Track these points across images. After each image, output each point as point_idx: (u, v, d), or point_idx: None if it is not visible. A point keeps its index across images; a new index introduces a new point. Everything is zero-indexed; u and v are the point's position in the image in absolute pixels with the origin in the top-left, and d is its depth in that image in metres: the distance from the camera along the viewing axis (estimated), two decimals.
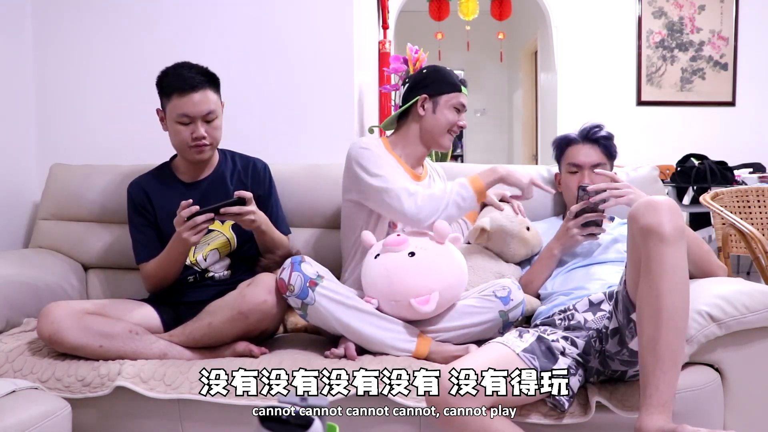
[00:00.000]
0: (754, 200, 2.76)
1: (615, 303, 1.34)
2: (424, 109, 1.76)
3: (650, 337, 1.13)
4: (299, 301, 1.47)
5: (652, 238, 1.14)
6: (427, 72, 1.80)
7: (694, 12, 4.78)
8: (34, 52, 2.30)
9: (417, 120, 1.78)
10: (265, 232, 1.69)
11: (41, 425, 1.18)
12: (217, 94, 1.71)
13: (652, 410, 1.09)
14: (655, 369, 1.11)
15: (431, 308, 1.48)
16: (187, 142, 1.68)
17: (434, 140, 1.78)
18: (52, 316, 1.46)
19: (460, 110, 1.78)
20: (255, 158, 1.86)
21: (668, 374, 1.11)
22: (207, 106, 1.66)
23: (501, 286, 1.57)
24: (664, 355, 1.11)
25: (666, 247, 1.13)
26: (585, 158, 1.80)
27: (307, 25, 2.34)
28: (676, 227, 1.15)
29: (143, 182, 1.78)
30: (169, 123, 1.70)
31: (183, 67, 1.70)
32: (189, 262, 1.74)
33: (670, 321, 1.12)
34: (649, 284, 1.15)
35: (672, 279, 1.13)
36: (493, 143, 7.60)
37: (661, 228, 1.14)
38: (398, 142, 1.80)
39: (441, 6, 5.42)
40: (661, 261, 1.14)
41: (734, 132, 4.74)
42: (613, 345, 1.33)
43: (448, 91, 1.76)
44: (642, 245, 1.17)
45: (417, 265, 1.51)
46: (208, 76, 1.70)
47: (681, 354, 1.15)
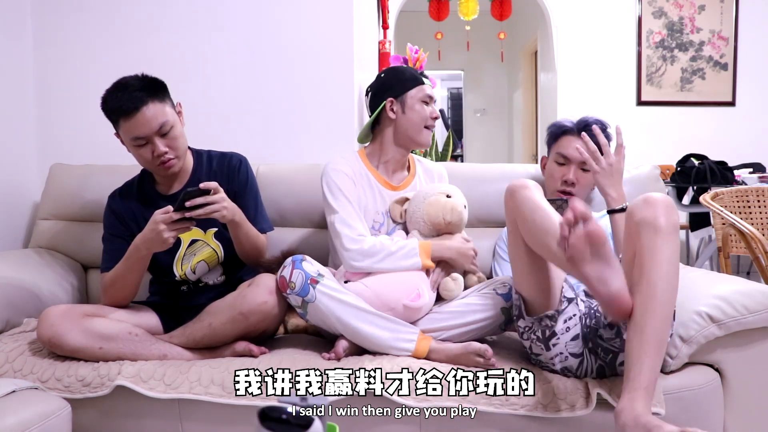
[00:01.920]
0: (754, 200, 2.76)
1: None
2: (394, 112, 1.75)
3: (638, 322, 1.17)
4: (300, 298, 1.47)
5: (647, 230, 1.19)
6: (385, 76, 1.80)
7: (694, 12, 4.77)
8: (34, 52, 2.30)
9: (389, 124, 1.77)
10: (239, 225, 1.61)
11: (41, 425, 1.18)
12: (164, 102, 1.60)
13: (634, 394, 1.12)
14: (641, 353, 1.15)
15: (425, 299, 1.51)
16: (152, 161, 1.60)
17: (411, 140, 1.77)
18: (51, 319, 1.46)
19: (429, 102, 1.77)
20: (232, 154, 1.78)
21: (652, 359, 1.15)
22: (157, 121, 1.56)
23: (501, 282, 1.58)
24: (650, 340, 1.15)
25: (659, 239, 1.18)
26: (575, 153, 1.75)
27: (307, 25, 2.34)
28: (671, 222, 1.20)
29: (124, 194, 1.73)
30: (128, 147, 1.62)
31: (120, 87, 1.57)
32: (178, 276, 1.71)
33: (659, 308, 1.16)
34: (641, 273, 1.19)
35: (663, 269, 1.18)
36: (493, 143, 7.60)
37: (656, 221, 1.19)
38: (375, 153, 1.80)
39: (441, 6, 5.42)
40: (653, 252, 1.19)
41: (734, 132, 4.74)
42: (608, 333, 1.37)
43: (411, 87, 1.75)
44: (637, 237, 1.21)
45: (388, 274, 1.57)
46: (148, 88, 1.57)
47: (665, 342, 1.19)
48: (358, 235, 1.61)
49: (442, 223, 1.66)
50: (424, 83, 1.77)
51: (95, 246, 1.77)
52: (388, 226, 1.75)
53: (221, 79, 2.35)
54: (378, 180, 1.77)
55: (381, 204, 1.75)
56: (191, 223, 1.50)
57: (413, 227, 1.70)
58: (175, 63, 2.31)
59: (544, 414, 1.32)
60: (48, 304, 1.71)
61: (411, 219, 1.70)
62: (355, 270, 1.60)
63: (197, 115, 2.01)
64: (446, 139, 4.04)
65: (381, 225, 1.74)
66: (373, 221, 1.73)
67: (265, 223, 1.76)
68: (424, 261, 1.59)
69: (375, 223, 1.73)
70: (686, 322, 1.36)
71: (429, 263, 1.59)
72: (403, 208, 1.73)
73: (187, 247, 1.71)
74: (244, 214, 1.67)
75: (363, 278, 1.58)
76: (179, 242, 1.69)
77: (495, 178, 2.03)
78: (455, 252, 1.63)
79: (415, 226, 1.69)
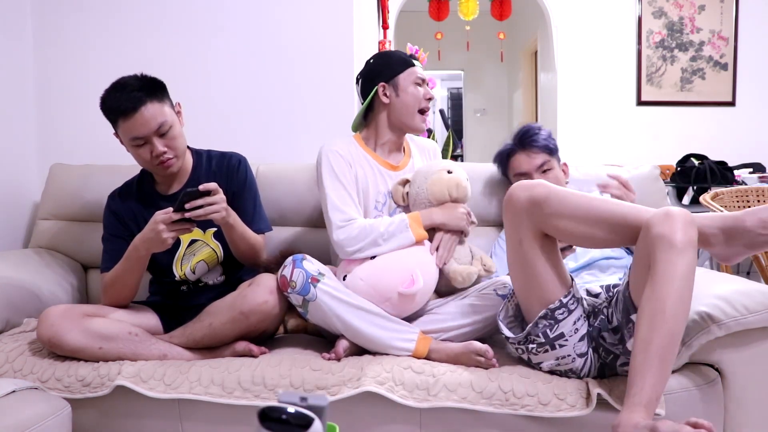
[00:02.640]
0: (754, 200, 2.75)
1: (615, 302, 1.36)
2: (387, 96, 1.73)
3: (644, 338, 1.14)
4: (300, 297, 1.47)
5: (663, 244, 1.16)
6: (374, 61, 1.78)
7: (694, 12, 4.77)
8: (34, 52, 2.30)
9: (383, 109, 1.75)
10: (233, 227, 1.60)
11: (41, 425, 1.18)
12: (163, 102, 1.59)
13: (633, 408, 1.10)
14: (644, 369, 1.12)
15: (420, 284, 1.51)
16: (151, 161, 1.60)
17: (406, 124, 1.75)
18: (51, 319, 1.46)
19: (421, 84, 1.75)
20: (231, 153, 1.77)
21: (656, 377, 1.12)
22: (156, 121, 1.56)
23: (502, 283, 1.58)
24: (654, 356, 1.12)
25: (675, 254, 1.15)
26: (528, 165, 1.82)
27: (307, 25, 2.34)
28: (688, 238, 1.17)
29: (124, 194, 1.73)
30: (126, 147, 1.62)
31: (118, 88, 1.57)
32: (178, 276, 1.71)
33: (667, 324, 1.13)
34: (653, 287, 1.16)
35: (675, 285, 1.14)
36: (493, 143, 7.57)
37: (673, 236, 1.16)
38: (371, 137, 1.78)
39: (441, 6, 5.42)
40: (667, 267, 1.15)
41: (734, 132, 4.74)
42: (611, 337, 1.36)
43: (402, 70, 1.74)
44: (652, 251, 1.18)
45: (382, 262, 1.56)
46: (147, 88, 1.57)
47: (672, 360, 1.15)
48: (348, 220, 1.59)
49: (449, 199, 1.64)
50: (414, 65, 1.76)
51: (95, 246, 1.77)
52: (390, 207, 1.73)
53: (221, 79, 2.36)
54: (377, 160, 1.75)
55: (382, 184, 1.73)
56: (192, 225, 1.50)
57: (418, 208, 1.67)
58: (175, 63, 2.31)
59: (544, 414, 1.32)
60: (48, 304, 1.71)
61: (415, 200, 1.68)
62: (349, 257, 1.59)
63: (197, 115, 2.01)
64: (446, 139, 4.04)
65: (383, 205, 1.72)
66: (375, 201, 1.71)
67: (263, 224, 1.75)
68: (416, 231, 1.58)
69: (378, 203, 1.72)
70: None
71: (422, 232, 1.58)
72: (405, 190, 1.70)
73: (187, 247, 1.70)
74: (243, 214, 1.67)
75: (359, 266, 1.56)
76: (179, 242, 1.69)
77: (495, 178, 2.04)
78: (445, 215, 1.62)
79: (420, 207, 1.66)
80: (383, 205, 1.73)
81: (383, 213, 1.72)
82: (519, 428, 1.35)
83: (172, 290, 1.74)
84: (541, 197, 1.31)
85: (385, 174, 1.74)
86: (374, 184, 1.72)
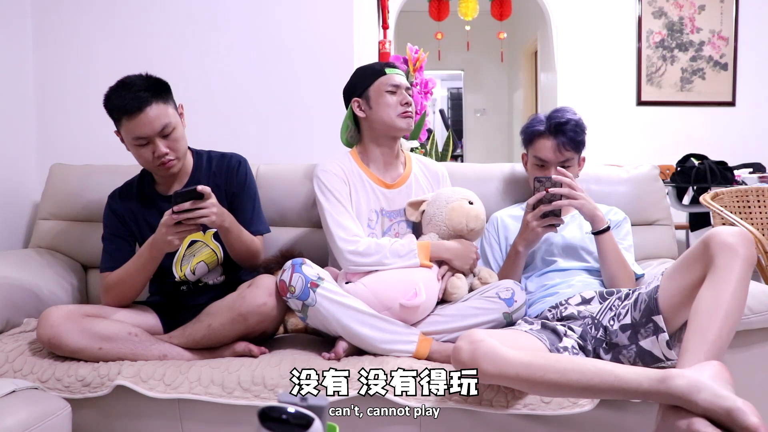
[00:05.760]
0: (754, 200, 2.75)
1: (633, 302, 1.40)
2: (363, 111, 1.74)
3: (700, 327, 1.17)
4: (300, 302, 1.47)
5: (726, 251, 1.22)
6: (351, 77, 1.80)
7: (694, 12, 4.78)
8: (34, 52, 2.30)
9: (364, 123, 1.76)
10: (229, 230, 1.59)
11: (41, 425, 1.18)
12: (168, 104, 1.59)
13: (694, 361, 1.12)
14: (697, 351, 1.14)
15: (423, 297, 1.51)
16: (152, 161, 1.60)
17: (387, 131, 1.73)
18: (51, 320, 1.46)
19: (395, 91, 1.72)
20: (231, 154, 1.77)
21: (708, 355, 1.14)
22: (160, 122, 1.55)
23: (504, 287, 1.57)
24: (711, 342, 1.15)
25: (736, 261, 1.21)
26: (552, 155, 1.76)
27: (307, 25, 2.34)
28: (749, 252, 1.24)
29: (124, 194, 1.73)
30: (128, 146, 1.61)
31: (124, 86, 1.56)
32: (178, 277, 1.71)
33: (726, 319, 1.17)
34: (713, 287, 1.21)
35: (732, 285, 1.19)
36: (493, 143, 7.61)
37: (736, 246, 1.23)
38: (363, 152, 1.79)
39: (441, 6, 5.43)
40: (726, 269, 1.21)
41: (734, 132, 4.74)
42: (623, 339, 1.40)
43: (371, 82, 1.73)
44: (715, 258, 1.23)
45: (388, 272, 1.57)
46: (153, 88, 1.56)
47: (724, 350, 1.18)
48: (352, 236, 1.61)
49: (465, 229, 1.65)
50: (387, 73, 1.74)
51: (95, 246, 1.77)
52: (383, 225, 1.74)
53: (221, 79, 2.35)
54: (371, 178, 1.75)
55: (374, 202, 1.74)
56: (193, 225, 1.49)
57: (432, 230, 1.68)
58: (175, 63, 2.31)
59: (547, 412, 1.32)
60: (48, 304, 1.71)
61: (430, 221, 1.68)
62: (353, 271, 1.60)
63: (197, 115, 2.00)
64: (446, 139, 4.03)
65: (376, 223, 1.73)
66: (367, 219, 1.72)
67: (261, 225, 1.75)
68: (422, 261, 1.59)
69: (370, 221, 1.72)
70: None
71: (427, 263, 1.59)
72: (419, 210, 1.71)
73: (187, 248, 1.70)
74: (241, 215, 1.67)
75: (363, 278, 1.58)
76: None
77: (495, 178, 2.04)
78: (453, 254, 1.62)
79: (434, 228, 1.67)
80: (375, 222, 1.73)
81: (375, 231, 1.72)
82: (519, 428, 1.35)
83: (172, 290, 1.74)
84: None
85: (378, 192, 1.74)
86: (366, 201, 1.72)
